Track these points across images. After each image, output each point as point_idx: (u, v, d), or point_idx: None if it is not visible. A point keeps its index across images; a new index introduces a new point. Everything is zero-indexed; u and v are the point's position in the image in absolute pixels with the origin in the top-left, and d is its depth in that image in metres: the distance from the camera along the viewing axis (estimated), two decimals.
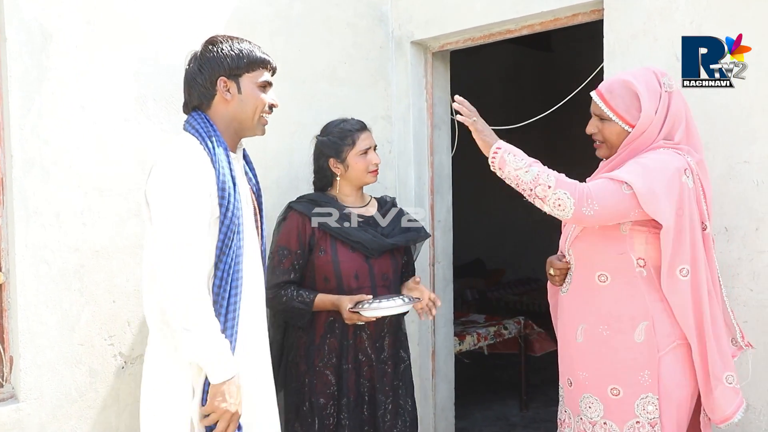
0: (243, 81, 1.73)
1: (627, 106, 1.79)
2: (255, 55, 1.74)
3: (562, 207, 1.70)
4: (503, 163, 1.77)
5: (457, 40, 2.96)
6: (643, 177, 1.69)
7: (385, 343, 2.23)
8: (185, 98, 1.78)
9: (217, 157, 1.65)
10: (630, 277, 1.78)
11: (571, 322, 1.89)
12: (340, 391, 2.17)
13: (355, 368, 2.18)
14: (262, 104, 1.76)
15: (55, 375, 1.98)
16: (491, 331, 3.94)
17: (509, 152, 1.77)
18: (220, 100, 1.73)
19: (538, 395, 4.21)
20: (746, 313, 2.06)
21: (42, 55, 1.95)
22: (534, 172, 1.73)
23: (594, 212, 1.69)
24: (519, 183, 1.75)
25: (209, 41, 1.74)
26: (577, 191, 1.70)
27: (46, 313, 1.96)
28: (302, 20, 2.66)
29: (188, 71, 1.75)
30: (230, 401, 1.59)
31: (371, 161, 2.26)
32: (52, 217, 1.97)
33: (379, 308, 2.04)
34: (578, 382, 1.88)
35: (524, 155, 1.78)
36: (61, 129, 1.99)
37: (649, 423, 1.76)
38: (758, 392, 2.07)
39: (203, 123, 1.70)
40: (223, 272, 1.65)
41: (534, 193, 1.72)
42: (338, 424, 2.16)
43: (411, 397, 2.30)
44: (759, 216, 2.06)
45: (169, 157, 1.65)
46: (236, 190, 1.69)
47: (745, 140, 2.08)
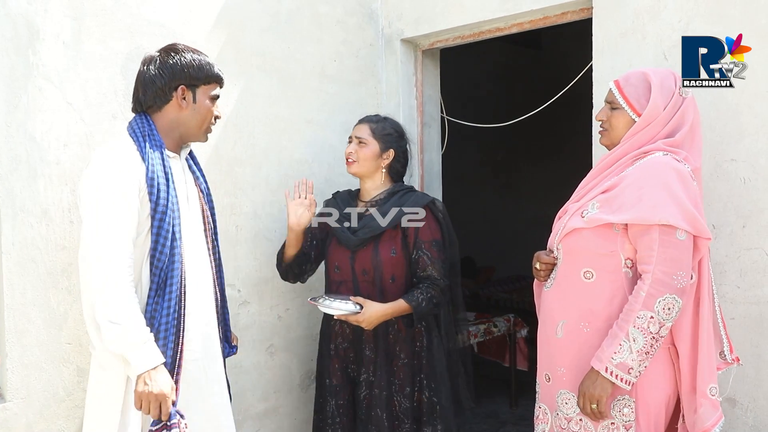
0: (199, 92, 1.84)
1: (638, 95, 1.81)
2: (213, 71, 1.86)
3: (676, 306, 1.68)
4: (631, 369, 1.69)
5: (447, 38, 2.96)
6: (678, 206, 1.68)
7: (369, 335, 2.29)
8: (137, 97, 1.83)
9: (147, 155, 1.72)
10: (616, 276, 1.78)
11: (552, 317, 1.89)
12: (320, 375, 2.41)
13: (337, 354, 2.34)
14: (212, 116, 1.89)
15: (43, 374, 1.97)
16: (481, 328, 3.96)
17: (622, 365, 1.69)
18: (174, 105, 1.82)
19: (528, 393, 4.22)
20: (733, 311, 2.08)
21: (28, 51, 1.93)
22: (641, 339, 1.67)
23: (689, 277, 1.69)
24: (654, 345, 1.68)
25: (171, 48, 1.83)
26: (664, 287, 1.66)
27: (34, 312, 1.95)
28: (292, 17, 2.65)
29: (146, 73, 1.81)
30: (151, 384, 1.65)
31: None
32: (39, 214, 1.95)
33: (324, 305, 2.20)
34: (556, 378, 1.88)
35: (618, 346, 1.69)
36: (48, 126, 1.97)
37: (624, 426, 1.75)
38: (744, 389, 2.09)
39: (143, 124, 1.78)
40: (160, 269, 1.71)
41: (662, 331, 1.68)
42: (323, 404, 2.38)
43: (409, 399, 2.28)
44: (746, 213, 2.07)
45: (98, 157, 1.72)
46: (170, 187, 1.75)
47: (732, 138, 2.09)
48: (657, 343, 1.68)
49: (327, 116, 2.80)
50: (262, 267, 2.58)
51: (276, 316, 2.64)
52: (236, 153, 2.48)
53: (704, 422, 1.76)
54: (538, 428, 1.97)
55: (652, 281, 1.67)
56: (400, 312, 2.22)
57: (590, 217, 1.78)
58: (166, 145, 1.81)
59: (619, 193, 1.76)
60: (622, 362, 1.68)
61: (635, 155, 1.80)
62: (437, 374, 2.29)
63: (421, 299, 2.21)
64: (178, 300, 1.74)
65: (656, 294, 1.66)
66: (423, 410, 2.28)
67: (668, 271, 1.67)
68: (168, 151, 1.81)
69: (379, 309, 2.19)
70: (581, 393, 1.75)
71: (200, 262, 1.88)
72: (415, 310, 2.20)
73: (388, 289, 2.26)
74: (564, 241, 1.87)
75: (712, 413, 1.76)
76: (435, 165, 3.19)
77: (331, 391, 2.35)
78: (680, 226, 1.67)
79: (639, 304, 1.67)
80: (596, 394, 1.71)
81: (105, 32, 2.09)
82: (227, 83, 2.42)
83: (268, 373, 2.62)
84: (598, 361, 1.72)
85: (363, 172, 2.37)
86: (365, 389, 2.30)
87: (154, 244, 1.72)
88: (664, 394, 1.79)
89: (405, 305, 2.21)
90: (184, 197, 1.85)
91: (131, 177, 1.69)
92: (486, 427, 3.89)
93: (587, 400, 1.73)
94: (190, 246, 1.83)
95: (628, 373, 1.68)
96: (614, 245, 1.77)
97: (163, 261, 1.72)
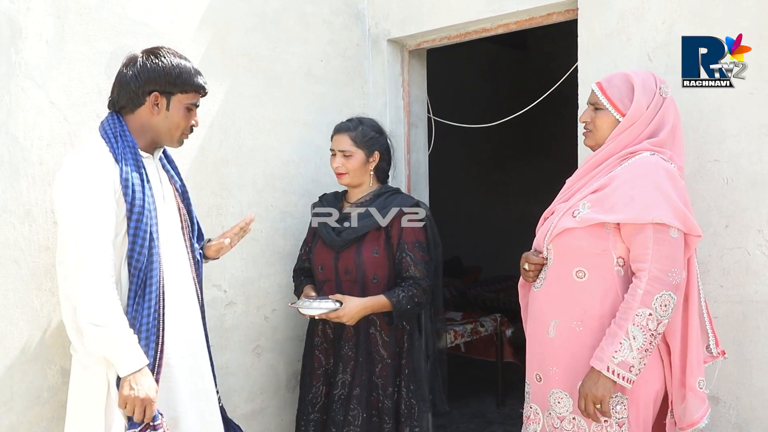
0: (173, 100, 1.80)
1: (621, 95, 1.84)
2: (193, 80, 1.81)
3: (672, 302, 1.70)
4: (632, 366, 1.70)
5: (433, 39, 2.96)
6: (669, 205, 1.70)
7: (348, 334, 2.32)
8: (113, 96, 1.81)
9: (120, 156, 1.71)
10: (608, 275, 1.79)
11: (543, 317, 1.90)
12: (302, 371, 2.49)
13: (319, 353, 2.40)
14: (185, 125, 1.85)
15: (26, 376, 1.95)
16: (468, 328, 3.97)
17: (623, 363, 1.70)
18: (147, 110, 1.80)
19: (515, 392, 4.23)
20: (716, 309, 2.10)
21: (11, 49, 1.91)
22: (641, 336, 1.68)
23: (682, 273, 1.72)
24: (653, 342, 1.70)
25: (154, 51, 1.80)
26: (660, 284, 1.68)
27: (16, 314, 1.93)
28: (278, 17, 2.65)
29: (123, 73, 1.79)
30: (137, 388, 1.65)
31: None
32: (22, 215, 1.93)
33: (303, 307, 2.23)
34: (548, 377, 1.89)
35: (618, 344, 1.69)
36: (30, 125, 1.95)
37: (618, 423, 1.77)
38: (727, 387, 2.11)
39: (114, 125, 1.76)
40: (139, 270, 1.71)
41: (660, 328, 1.69)
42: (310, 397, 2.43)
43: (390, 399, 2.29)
44: (729, 213, 2.10)
45: (72, 160, 1.70)
46: (145, 187, 1.74)
47: (715, 139, 2.12)
48: (655, 340, 1.70)
49: (314, 116, 2.80)
50: (249, 267, 2.57)
51: (262, 317, 2.63)
52: (222, 153, 2.47)
53: (692, 415, 1.79)
54: (529, 429, 1.97)
55: (648, 279, 1.69)
56: (380, 307, 2.23)
57: (582, 217, 1.79)
58: (139, 145, 1.80)
59: (610, 193, 1.77)
60: (623, 361, 1.69)
61: (622, 155, 1.82)
62: (417, 376, 2.31)
63: (402, 296, 2.23)
64: (158, 300, 1.74)
65: (653, 291, 1.68)
66: (401, 411, 2.30)
67: (664, 269, 1.69)
68: (141, 152, 1.80)
69: (358, 303, 2.21)
70: (582, 395, 1.74)
71: (179, 261, 1.88)
72: (394, 306, 2.22)
73: (371, 289, 2.28)
74: (555, 241, 1.88)
75: (699, 406, 1.79)
76: (422, 165, 3.20)
77: (307, 388, 2.42)
78: (673, 224, 1.70)
79: (637, 302, 1.69)
80: (599, 395, 1.71)
81: (89, 31, 2.07)
82: (213, 83, 2.41)
83: (254, 374, 2.61)
84: (598, 361, 1.72)
85: (355, 182, 2.41)
86: (341, 389, 2.33)
87: (131, 245, 1.71)
88: (653, 390, 1.81)
89: (385, 301, 2.23)
90: (161, 197, 1.84)
91: (106, 179, 1.68)
92: (473, 426, 3.90)
93: (590, 401, 1.73)
94: (168, 246, 1.82)
95: (629, 371, 1.69)
96: (606, 244, 1.78)
97: (142, 262, 1.71)
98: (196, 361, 1.89)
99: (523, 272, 1.98)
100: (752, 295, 2.07)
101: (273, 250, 2.66)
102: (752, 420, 2.08)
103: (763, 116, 2.03)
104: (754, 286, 2.06)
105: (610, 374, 1.70)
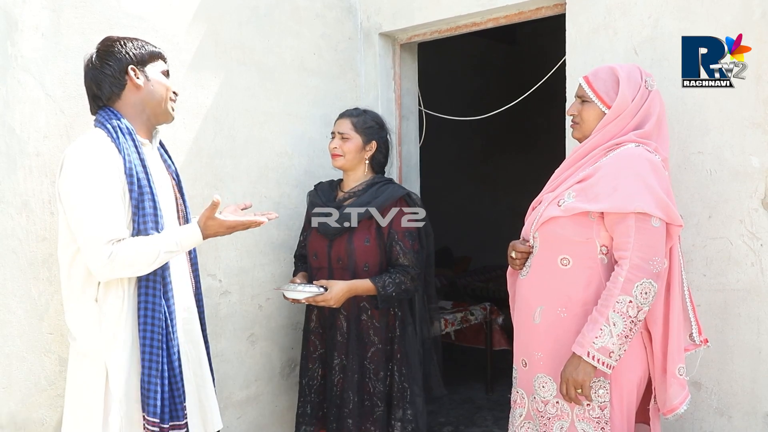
0: (148, 69, 1.86)
1: (607, 88, 1.88)
2: (152, 48, 1.88)
3: (652, 290, 1.73)
4: (612, 352, 1.74)
5: (424, 33, 3.00)
6: (652, 195, 1.74)
7: (339, 320, 2.37)
8: (93, 95, 1.84)
9: (122, 145, 1.74)
10: (592, 263, 1.83)
11: (529, 304, 1.94)
12: (302, 352, 2.54)
13: (314, 338, 2.47)
14: (169, 89, 1.90)
15: (24, 364, 1.98)
16: (458, 317, 4.03)
17: (603, 349, 1.74)
18: (131, 88, 1.82)
19: (503, 379, 4.30)
20: (699, 298, 2.15)
21: (7, 42, 1.93)
22: (621, 323, 1.72)
23: (663, 261, 1.76)
24: (633, 329, 1.73)
25: (106, 40, 1.85)
26: (641, 272, 1.72)
27: (14, 303, 1.95)
28: (271, 10, 2.67)
29: (92, 69, 1.82)
30: (216, 232, 1.83)
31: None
32: (19, 206, 1.96)
33: (289, 290, 2.29)
34: (533, 363, 1.93)
35: (599, 330, 1.74)
36: (27, 118, 1.97)
37: (600, 406, 1.81)
38: (709, 373, 2.17)
39: (109, 116, 1.79)
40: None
41: (640, 315, 1.73)
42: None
43: (382, 383, 2.35)
44: (712, 204, 2.15)
45: (75, 149, 1.72)
46: (148, 176, 1.77)
47: (699, 131, 2.16)
48: (635, 327, 1.74)
49: (307, 109, 2.83)
50: (243, 257, 2.61)
51: (257, 305, 2.67)
52: (216, 145, 2.50)
53: (672, 400, 1.84)
54: (515, 412, 2.02)
55: (629, 267, 1.73)
56: (364, 290, 2.29)
57: (567, 206, 1.83)
58: (138, 130, 1.83)
59: (595, 183, 1.81)
60: (603, 346, 1.73)
61: (608, 146, 1.86)
62: (410, 361, 2.36)
63: (387, 282, 2.29)
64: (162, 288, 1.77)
65: (634, 279, 1.72)
66: (393, 394, 2.36)
67: (644, 257, 1.73)
68: (141, 138, 1.83)
69: (343, 286, 2.26)
70: (564, 379, 1.79)
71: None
72: (378, 291, 2.28)
73: (362, 277, 2.33)
74: (541, 230, 1.92)
75: (679, 392, 1.84)
76: (413, 157, 3.24)
77: (305, 371, 2.49)
78: (654, 213, 1.74)
79: (618, 290, 1.73)
80: (580, 379, 1.75)
81: (84, 24, 2.09)
82: (207, 76, 2.45)
83: (249, 362, 2.65)
84: (579, 346, 1.76)
85: (348, 166, 2.45)
86: (338, 373, 2.38)
87: (135, 233, 1.74)
88: (636, 376, 1.85)
89: (371, 285, 2.29)
90: (160, 185, 1.87)
91: (112, 168, 1.71)
92: (462, 412, 3.97)
93: (571, 386, 1.77)
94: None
95: (609, 357, 1.74)
96: (590, 233, 1.82)
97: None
98: (195, 349, 1.93)
99: (510, 260, 2.03)
100: (734, 283, 2.12)
101: (267, 240, 2.69)
102: (733, 405, 2.14)
103: (746, 109, 2.08)
104: (736, 275, 2.11)
105: (591, 359, 1.74)
